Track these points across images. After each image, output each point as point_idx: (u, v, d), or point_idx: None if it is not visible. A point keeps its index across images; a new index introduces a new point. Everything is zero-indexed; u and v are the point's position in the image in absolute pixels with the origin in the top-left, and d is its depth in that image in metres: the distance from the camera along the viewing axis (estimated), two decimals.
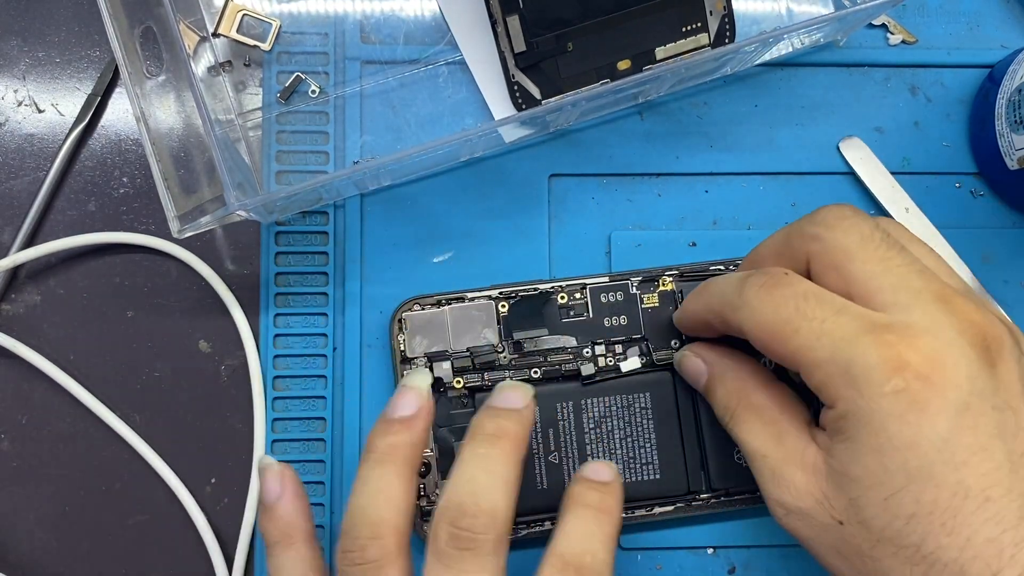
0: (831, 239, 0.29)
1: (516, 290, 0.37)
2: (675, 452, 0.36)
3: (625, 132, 0.39)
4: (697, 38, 0.37)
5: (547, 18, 0.35)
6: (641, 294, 0.37)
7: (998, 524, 0.25)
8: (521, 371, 0.36)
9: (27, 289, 0.38)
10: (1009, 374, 0.27)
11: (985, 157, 0.39)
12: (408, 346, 0.36)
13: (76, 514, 0.37)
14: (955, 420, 0.25)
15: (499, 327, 0.36)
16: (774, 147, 0.40)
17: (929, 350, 0.26)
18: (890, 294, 0.27)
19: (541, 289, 0.37)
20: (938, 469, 0.25)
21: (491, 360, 0.36)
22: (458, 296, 0.36)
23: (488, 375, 0.36)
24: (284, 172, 0.38)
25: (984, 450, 0.25)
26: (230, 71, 0.39)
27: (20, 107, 0.39)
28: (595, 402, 0.36)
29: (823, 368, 0.27)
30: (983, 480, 0.25)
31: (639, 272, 0.37)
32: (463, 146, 0.36)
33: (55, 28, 0.39)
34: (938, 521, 0.25)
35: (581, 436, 0.36)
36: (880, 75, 0.40)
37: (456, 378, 0.36)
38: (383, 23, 0.39)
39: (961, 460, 0.25)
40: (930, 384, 0.26)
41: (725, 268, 0.37)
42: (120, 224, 0.39)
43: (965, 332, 0.27)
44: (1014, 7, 0.41)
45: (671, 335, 0.37)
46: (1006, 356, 0.27)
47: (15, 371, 0.38)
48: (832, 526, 0.28)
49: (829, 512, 0.28)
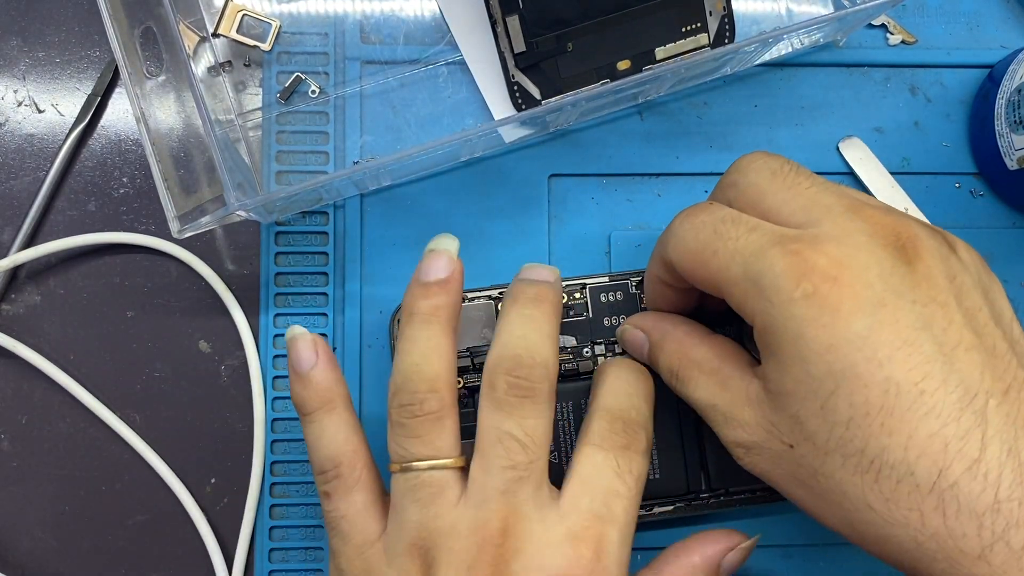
0: (744, 181, 0.30)
1: None
2: (674, 452, 0.36)
3: (625, 132, 0.39)
4: (697, 38, 0.37)
5: (547, 18, 0.35)
6: (641, 294, 0.37)
7: (938, 418, 0.24)
8: None
9: (27, 289, 0.38)
10: (930, 270, 0.26)
11: (985, 157, 0.39)
12: None
13: (76, 514, 0.37)
14: (871, 317, 0.25)
15: None
16: (774, 147, 0.39)
17: (836, 253, 0.26)
18: (802, 214, 0.28)
19: None
20: (862, 368, 0.25)
21: None
22: None
23: None
24: (284, 172, 0.38)
25: (909, 344, 0.25)
26: (230, 71, 0.39)
27: (20, 107, 0.39)
28: None
29: (739, 286, 0.27)
30: (913, 374, 0.25)
31: (639, 272, 0.37)
32: (463, 146, 0.36)
33: (55, 28, 0.39)
34: (876, 422, 0.25)
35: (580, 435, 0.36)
36: (880, 75, 0.40)
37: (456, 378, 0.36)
38: (383, 23, 0.39)
39: (885, 356, 0.25)
40: (839, 285, 0.25)
41: None
42: (120, 224, 0.39)
43: (876, 234, 0.26)
44: (1014, 7, 0.41)
45: None
46: (924, 253, 0.26)
47: (15, 371, 0.38)
48: (785, 452, 0.27)
49: (779, 438, 0.27)
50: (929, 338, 0.25)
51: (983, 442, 0.24)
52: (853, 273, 0.26)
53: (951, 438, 0.24)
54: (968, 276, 0.27)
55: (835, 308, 0.25)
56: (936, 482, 0.24)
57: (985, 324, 0.26)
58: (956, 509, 0.24)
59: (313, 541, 0.37)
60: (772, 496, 0.37)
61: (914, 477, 0.25)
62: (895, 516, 0.25)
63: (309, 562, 0.37)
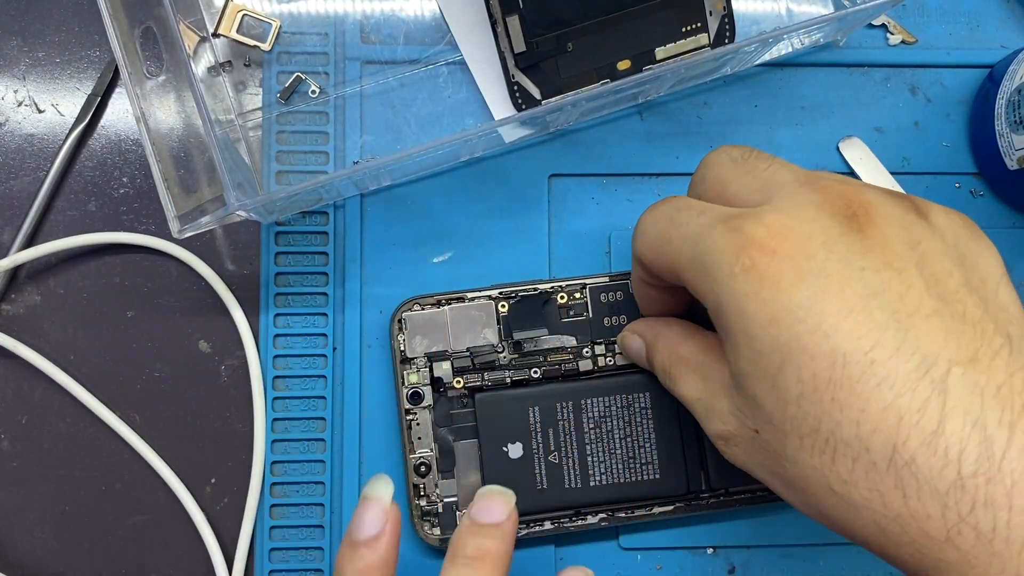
0: (711, 175, 0.29)
1: (516, 290, 0.37)
2: (675, 452, 0.36)
3: (625, 132, 0.39)
4: (697, 38, 0.37)
5: (547, 18, 0.35)
6: None
7: (891, 388, 0.23)
8: (521, 371, 0.36)
9: (27, 289, 0.38)
10: (885, 237, 0.25)
11: (985, 157, 0.39)
12: (408, 346, 0.36)
13: (76, 514, 0.37)
14: (814, 287, 0.24)
15: (499, 327, 0.37)
16: (774, 147, 0.39)
17: (776, 225, 0.25)
18: (759, 194, 0.27)
19: (541, 289, 0.37)
20: (807, 339, 0.24)
21: (491, 360, 0.36)
22: (458, 296, 0.36)
23: (488, 375, 0.36)
24: (284, 172, 0.38)
25: (857, 312, 0.24)
26: (230, 71, 0.39)
27: (20, 107, 0.39)
28: (595, 402, 0.36)
29: (689, 269, 0.27)
30: (862, 342, 0.23)
31: None
32: (463, 146, 0.36)
33: (55, 28, 0.39)
34: (827, 396, 0.24)
35: (581, 436, 0.36)
36: (880, 75, 0.40)
37: (456, 378, 0.36)
38: (383, 23, 0.39)
39: (830, 325, 0.24)
40: (777, 256, 0.25)
41: None
42: (120, 224, 0.39)
43: (825, 204, 0.26)
44: (1014, 7, 0.41)
45: None
46: (878, 220, 0.25)
47: (15, 371, 0.38)
48: (754, 439, 0.26)
49: (747, 425, 0.26)
50: (880, 305, 0.24)
51: (943, 413, 0.23)
52: (793, 243, 0.25)
53: (906, 410, 0.23)
54: (937, 241, 0.26)
55: (775, 280, 0.24)
56: (892, 458, 0.23)
57: (955, 291, 0.25)
58: (916, 488, 0.23)
59: (313, 541, 0.37)
60: (772, 495, 0.37)
61: (870, 454, 0.23)
62: (855, 498, 0.24)
63: (309, 562, 0.37)
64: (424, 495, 0.36)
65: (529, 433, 0.36)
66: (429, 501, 0.36)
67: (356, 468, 0.37)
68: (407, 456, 0.36)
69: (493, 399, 0.36)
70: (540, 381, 0.36)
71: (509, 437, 0.36)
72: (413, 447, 0.36)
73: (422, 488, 0.36)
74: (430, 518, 0.36)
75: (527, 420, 0.36)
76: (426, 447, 0.36)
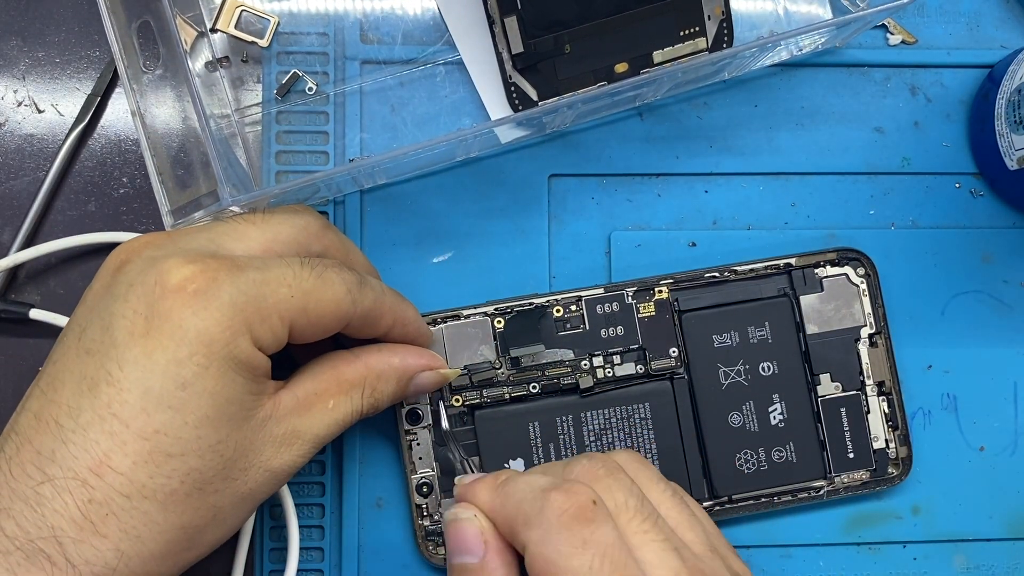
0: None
1: (511, 305, 0.36)
2: (677, 461, 0.36)
3: (625, 132, 0.39)
4: (695, 42, 0.36)
5: (545, 19, 0.35)
6: (637, 304, 0.37)
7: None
8: (519, 386, 0.36)
9: (27, 289, 0.38)
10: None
11: (985, 157, 0.39)
12: None
13: None
14: None
15: (496, 343, 0.36)
16: (774, 147, 0.39)
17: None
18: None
19: (536, 303, 0.37)
20: None
21: (489, 377, 0.36)
22: (453, 314, 0.36)
23: (487, 392, 0.36)
24: (284, 172, 0.38)
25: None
26: (228, 67, 0.39)
27: (20, 107, 0.39)
28: (595, 414, 0.36)
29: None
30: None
31: (634, 282, 0.37)
32: (458, 146, 0.36)
33: (55, 28, 0.39)
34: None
35: (582, 449, 0.36)
36: (880, 75, 0.40)
37: (455, 396, 0.36)
38: (382, 22, 0.39)
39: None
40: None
41: (720, 275, 0.37)
42: (120, 224, 0.39)
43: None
44: (1014, 7, 0.40)
45: (669, 344, 0.37)
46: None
47: (15, 371, 0.38)
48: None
49: None
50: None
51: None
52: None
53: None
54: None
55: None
56: None
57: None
58: None
59: (313, 541, 0.37)
60: (775, 503, 0.37)
61: None
62: None
63: (309, 562, 0.37)
64: (427, 515, 0.36)
65: (530, 448, 0.36)
66: (432, 520, 0.36)
67: (356, 468, 0.37)
68: (408, 476, 0.36)
69: (493, 416, 0.36)
70: (539, 396, 0.36)
71: (511, 453, 0.36)
72: (415, 467, 0.36)
73: (425, 508, 0.36)
74: (434, 538, 0.36)
75: (528, 435, 0.36)
76: (427, 467, 0.36)
